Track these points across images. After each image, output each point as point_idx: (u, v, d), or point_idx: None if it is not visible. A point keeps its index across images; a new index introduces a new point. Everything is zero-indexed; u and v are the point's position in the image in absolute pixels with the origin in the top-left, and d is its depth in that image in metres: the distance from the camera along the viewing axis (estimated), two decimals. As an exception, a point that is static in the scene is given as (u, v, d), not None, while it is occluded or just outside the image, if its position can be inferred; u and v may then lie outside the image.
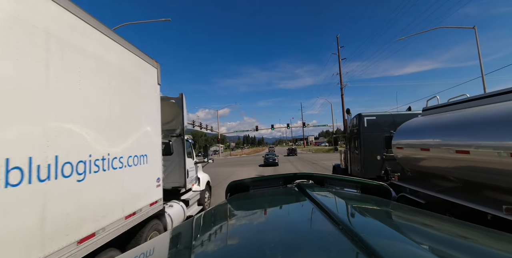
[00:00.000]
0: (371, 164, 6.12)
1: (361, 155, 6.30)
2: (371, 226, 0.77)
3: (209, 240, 0.82)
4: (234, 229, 0.93)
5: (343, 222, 0.69)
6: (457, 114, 3.36)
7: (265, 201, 1.37)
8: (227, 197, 1.60)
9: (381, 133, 6.12)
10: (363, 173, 6.17)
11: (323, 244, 0.66)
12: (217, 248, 0.74)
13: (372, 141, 6.17)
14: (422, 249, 0.56)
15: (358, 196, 1.35)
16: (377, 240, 0.57)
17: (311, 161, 25.66)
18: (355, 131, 6.60)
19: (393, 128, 6.10)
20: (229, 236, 0.85)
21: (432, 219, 0.99)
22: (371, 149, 6.16)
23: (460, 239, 0.76)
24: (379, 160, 6.08)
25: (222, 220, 1.10)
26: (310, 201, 1.01)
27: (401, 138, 4.42)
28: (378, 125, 6.19)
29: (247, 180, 1.63)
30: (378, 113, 6.35)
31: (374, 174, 6.07)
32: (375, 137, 6.15)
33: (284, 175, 1.69)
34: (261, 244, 0.71)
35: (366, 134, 6.23)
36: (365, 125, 6.25)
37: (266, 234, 0.81)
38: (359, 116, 6.36)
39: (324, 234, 0.73)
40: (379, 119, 6.23)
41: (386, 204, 1.20)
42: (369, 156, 6.15)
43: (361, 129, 6.28)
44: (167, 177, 4.77)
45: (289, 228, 0.85)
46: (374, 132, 6.18)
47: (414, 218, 1.01)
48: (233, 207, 1.29)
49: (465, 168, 3.02)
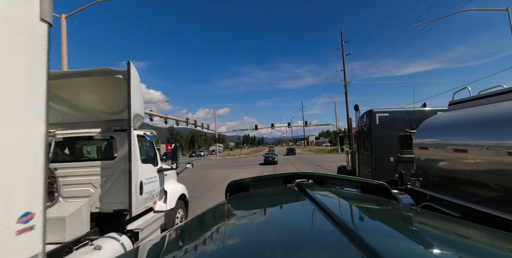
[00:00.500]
0: (383, 166, 5.44)
1: (371, 156, 5.61)
2: (371, 226, 0.78)
3: (208, 239, 0.81)
4: (234, 229, 0.93)
5: (343, 221, 0.69)
6: (502, 107, 2.70)
7: (265, 201, 1.37)
8: (227, 196, 1.58)
9: (395, 132, 5.44)
10: (374, 176, 5.49)
11: (323, 244, 0.66)
12: (217, 247, 0.73)
13: (384, 140, 5.48)
14: (422, 248, 0.56)
15: (358, 196, 1.36)
16: (377, 240, 0.58)
17: (314, 162, 23.97)
18: (365, 129, 5.90)
19: (408, 126, 5.43)
20: (229, 236, 0.84)
21: (432, 218, 1.00)
22: (383, 149, 5.47)
23: (460, 239, 0.77)
24: (392, 162, 5.39)
25: (222, 220, 1.09)
26: (310, 200, 1.02)
27: (425, 137, 3.74)
28: (392, 123, 5.50)
29: (247, 180, 1.62)
30: (392, 109, 5.66)
31: (387, 178, 5.39)
32: (388, 136, 5.47)
33: (284, 174, 1.67)
34: (261, 243, 0.71)
35: (377, 133, 5.54)
36: (377, 123, 5.56)
37: (265, 233, 0.81)
38: (370, 113, 5.67)
39: (324, 234, 0.73)
40: (392, 116, 5.54)
41: (386, 204, 1.20)
42: (381, 157, 5.47)
43: (372, 126, 5.58)
44: (105, 194, 3.15)
45: (288, 227, 0.84)
46: (387, 130, 5.49)
47: (414, 217, 1.04)
48: (233, 206, 1.29)
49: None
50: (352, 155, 7.27)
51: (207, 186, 11.65)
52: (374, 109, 5.70)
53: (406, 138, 5.39)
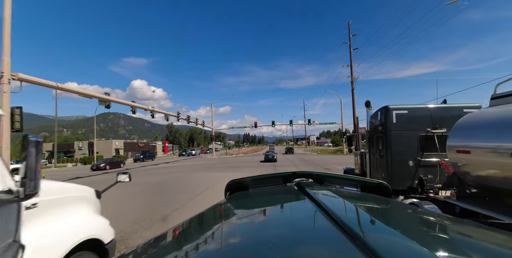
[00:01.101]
0: (400, 171, 4.70)
1: (387, 159, 4.87)
2: (370, 225, 0.77)
3: (208, 238, 0.80)
4: (233, 228, 0.92)
5: (342, 220, 0.70)
6: None
7: (264, 200, 1.36)
8: (227, 196, 1.56)
9: (415, 131, 4.71)
10: (389, 182, 4.76)
11: (322, 243, 0.66)
12: (216, 246, 0.72)
13: (402, 141, 4.74)
14: (422, 247, 0.56)
15: (358, 195, 1.35)
16: (376, 239, 0.58)
17: (320, 164, 21.42)
18: (380, 128, 5.15)
19: (430, 125, 4.69)
20: (228, 235, 0.83)
21: (432, 217, 1.00)
22: (400, 151, 4.73)
23: (461, 238, 0.76)
24: (411, 166, 4.66)
25: (221, 219, 1.08)
26: (310, 199, 1.02)
27: (465, 138, 3.00)
28: (411, 122, 4.77)
29: (247, 179, 1.61)
30: (411, 106, 4.91)
31: (404, 184, 4.67)
32: (407, 137, 4.74)
33: (284, 173, 1.66)
34: (260, 242, 0.71)
35: (395, 133, 4.80)
36: (394, 121, 4.81)
37: (264, 232, 0.81)
38: (386, 110, 4.93)
39: (323, 233, 0.72)
40: (412, 113, 4.80)
41: (386, 202, 1.20)
42: (398, 161, 4.73)
43: (388, 125, 4.84)
44: None
45: (288, 226, 0.84)
46: (405, 130, 4.76)
47: (413, 216, 1.03)
48: (233, 205, 1.28)
49: None
50: (361, 157, 6.54)
51: (187, 195, 8.60)
52: (390, 105, 4.95)
53: (427, 139, 4.66)
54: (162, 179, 14.39)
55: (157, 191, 10.24)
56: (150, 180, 14.11)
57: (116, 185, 3.25)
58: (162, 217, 6.12)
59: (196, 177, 14.28)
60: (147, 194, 9.68)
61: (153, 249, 0.82)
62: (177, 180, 13.67)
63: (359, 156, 6.56)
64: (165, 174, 17.34)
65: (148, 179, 14.62)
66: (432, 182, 4.57)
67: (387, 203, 1.18)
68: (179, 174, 16.66)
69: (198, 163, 28.38)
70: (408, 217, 0.99)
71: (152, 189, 10.73)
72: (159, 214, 6.44)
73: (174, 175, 16.50)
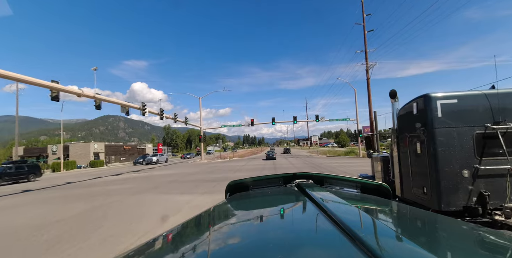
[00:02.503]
0: (451, 184, 3.33)
1: (430, 168, 3.49)
2: (370, 226, 0.77)
3: (208, 239, 0.80)
4: (233, 229, 0.91)
5: (342, 221, 0.70)
6: None
7: (264, 201, 1.37)
8: (227, 196, 1.56)
9: (470, 128, 3.35)
10: (435, 200, 3.39)
11: (322, 244, 0.66)
12: (216, 247, 0.71)
13: (452, 142, 3.37)
14: (422, 249, 0.56)
15: (358, 196, 1.35)
16: (376, 240, 0.58)
17: (335, 171, 15.43)
18: (417, 125, 3.76)
19: (490, 118, 3.33)
20: (228, 236, 0.82)
21: (432, 219, 1.00)
22: (450, 157, 3.36)
23: (461, 239, 0.76)
24: (466, 178, 3.29)
25: (221, 220, 1.08)
26: (310, 200, 1.02)
27: None
28: (463, 115, 3.40)
29: (247, 180, 1.61)
30: (462, 93, 3.53)
31: (458, 204, 3.30)
32: (459, 136, 3.37)
33: (284, 174, 1.67)
34: (259, 244, 0.71)
35: (440, 131, 3.42)
36: (439, 114, 3.44)
37: (264, 233, 0.80)
38: (427, 100, 3.54)
39: (323, 234, 0.72)
40: (464, 103, 3.42)
41: (386, 204, 1.19)
42: (447, 171, 3.36)
43: (431, 121, 3.46)
44: None
45: (287, 227, 0.84)
46: (456, 127, 3.39)
47: (414, 217, 1.02)
48: (232, 206, 1.28)
49: None
50: (384, 162, 5.15)
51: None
52: (432, 93, 3.58)
53: (488, 138, 3.31)
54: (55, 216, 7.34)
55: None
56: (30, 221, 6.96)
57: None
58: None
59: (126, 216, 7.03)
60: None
61: (153, 249, 0.81)
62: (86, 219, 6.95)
63: (382, 162, 5.17)
64: (77, 201, 9.74)
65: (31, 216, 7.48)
66: (498, 199, 3.20)
67: (387, 205, 1.17)
68: (104, 201, 9.32)
69: (168, 173, 20.81)
70: (409, 218, 1.01)
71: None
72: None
73: (93, 203, 9.06)
